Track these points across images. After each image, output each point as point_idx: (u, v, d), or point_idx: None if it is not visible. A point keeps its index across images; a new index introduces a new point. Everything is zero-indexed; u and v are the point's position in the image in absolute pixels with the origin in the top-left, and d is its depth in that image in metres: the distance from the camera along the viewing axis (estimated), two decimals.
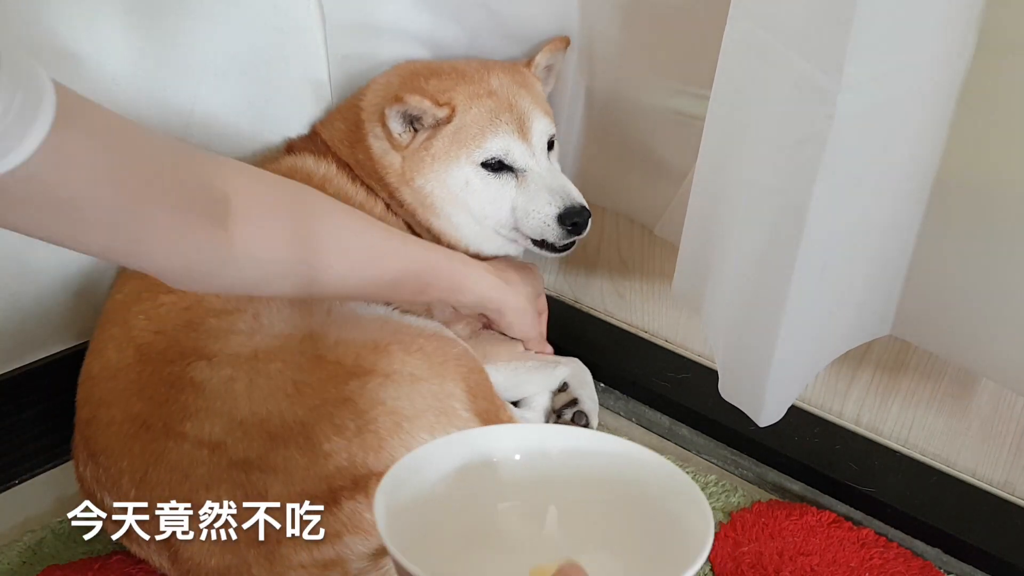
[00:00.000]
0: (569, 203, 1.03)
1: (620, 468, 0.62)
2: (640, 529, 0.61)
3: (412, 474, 0.59)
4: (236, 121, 1.13)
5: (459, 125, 1.02)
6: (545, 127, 1.07)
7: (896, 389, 1.02)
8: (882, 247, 0.84)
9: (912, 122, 0.76)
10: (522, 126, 1.04)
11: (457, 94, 1.02)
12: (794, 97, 0.72)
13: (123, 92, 1.00)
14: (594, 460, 0.63)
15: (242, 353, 0.83)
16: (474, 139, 1.02)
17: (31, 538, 0.99)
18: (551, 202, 1.03)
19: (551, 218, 1.03)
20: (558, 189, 1.04)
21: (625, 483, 0.62)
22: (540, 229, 1.04)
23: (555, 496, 0.62)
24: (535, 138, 1.05)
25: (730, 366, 0.92)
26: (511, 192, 1.04)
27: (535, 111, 1.06)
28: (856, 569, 0.93)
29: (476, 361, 0.95)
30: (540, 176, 1.05)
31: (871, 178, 0.77)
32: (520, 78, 1.08)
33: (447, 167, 1.03)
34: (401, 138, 1.03)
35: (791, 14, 0.71)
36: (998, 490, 0.97)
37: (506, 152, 1.03)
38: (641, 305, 1.26)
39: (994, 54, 0.73)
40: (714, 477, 1.08)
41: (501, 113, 1.03)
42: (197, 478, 0.79)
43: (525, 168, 1.04)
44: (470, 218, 1.06)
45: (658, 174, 1.07)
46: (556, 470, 0.63)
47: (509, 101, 1.04)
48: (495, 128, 1.03)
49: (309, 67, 1.18)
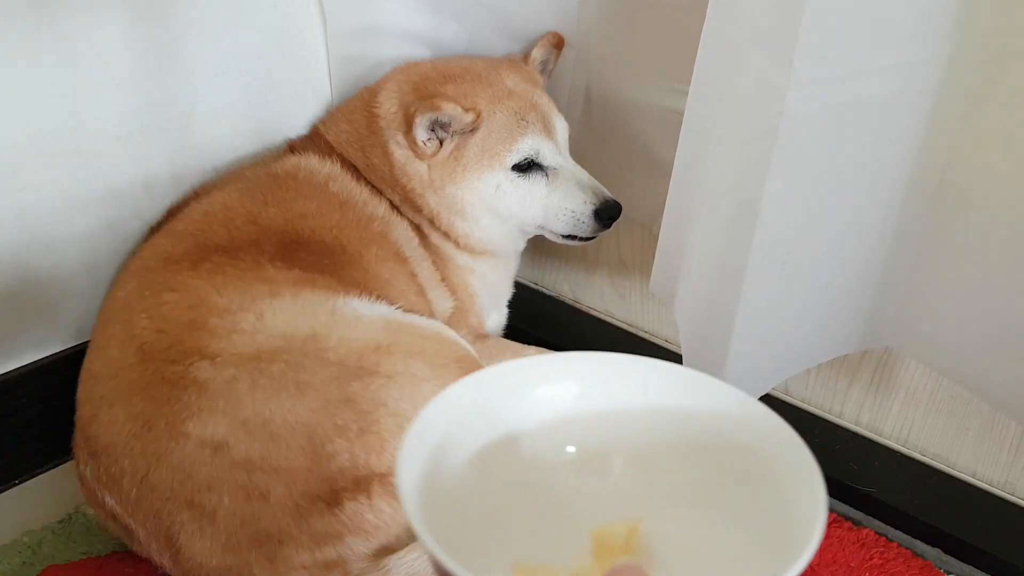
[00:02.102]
0: (603, 198, 1.06)
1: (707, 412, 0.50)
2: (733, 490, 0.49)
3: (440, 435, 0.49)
4: (236, 121, 1.13)
5: (487, 131, 1.03)
6: (564, 124, 1.09)
7: (896, 389, 1.02)
8: (855, 250, 0.85)
9: (879, 127, 0.76)
10: (547, 125, 1.06)
11: (479, 98, 1.03)
12: (752, 92, 0.73)
13: (123, 92, 1.00)
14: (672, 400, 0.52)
15: (245, 353, 0.82)
16: (504, 143, 1.04)
17: (31, 538, 0.99)
18: (586, 200, 1.06)
19: (587, 215, 1.06)
20: (589, 185, 1.07)
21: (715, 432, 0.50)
22: (573, 225, 1.07)
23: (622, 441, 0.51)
24: (559, 135, 1.08)
25: (691, 356, 0.93)
26: (542, 191, 1.06)
27: (554, 109, 1.08)
28: (856, 569, 0.93)
29: (478, 363, 0.95)
30: (570, 172, 1.07)
31: (829, 178, 0.78)
32: (528, 75, 1.09)
33: (479, 175, 1.04)
34: (426, 146, 1.04)
35: (753, 10, 0.71)
36: (998, 490, 0.98)
37: (536, 152, 1.05)
38: (641, 305, 1.27)
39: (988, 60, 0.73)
40: None
41: (527, 113, 1.05)
42: (199, 478, 0.79)
43: (555, 166, 1.06)
44: (498, 219, 1.08)
45: (657, 173, 1.07)
46: (623, 410, 0.52)
47: (530, 100, 1.06)
48: (523, 129, 1.04)
49: (309, 67, 1.18)
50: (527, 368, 0.51)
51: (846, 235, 0.83)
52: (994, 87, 0.73)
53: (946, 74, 0.74)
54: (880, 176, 0.80)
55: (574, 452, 0.50)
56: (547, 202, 1.06)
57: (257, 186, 1.03)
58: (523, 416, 0.50)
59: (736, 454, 0.49)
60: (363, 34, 1.16)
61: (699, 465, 0.50)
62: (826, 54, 0.69)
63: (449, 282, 1.11)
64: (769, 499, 0.46)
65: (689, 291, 0.90)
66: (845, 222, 0.82)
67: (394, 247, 1.05)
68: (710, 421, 0.50)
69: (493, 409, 0.49)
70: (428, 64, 1.12)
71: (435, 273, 1.10)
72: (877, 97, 0.74)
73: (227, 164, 1.13)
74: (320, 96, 1.20)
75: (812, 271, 0.83)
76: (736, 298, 0.81)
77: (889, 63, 0.72)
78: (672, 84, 1.02)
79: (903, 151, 0.79)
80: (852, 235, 0.83)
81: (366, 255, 1.01)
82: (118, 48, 0.98)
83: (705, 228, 0.84)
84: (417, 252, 1.08)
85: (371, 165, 1.07)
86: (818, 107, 0.72)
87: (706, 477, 0.50)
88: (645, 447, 0.50)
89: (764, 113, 0.72)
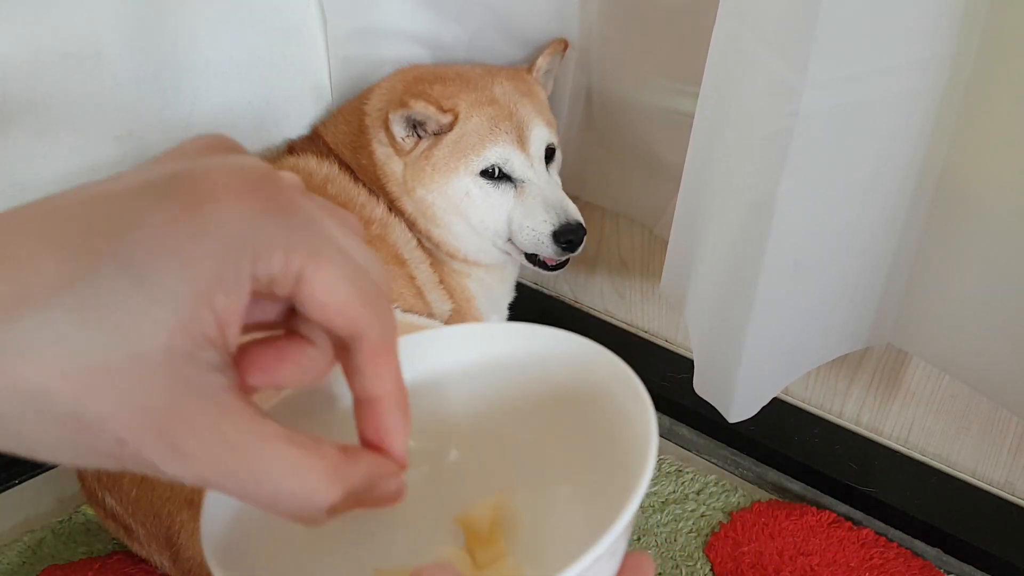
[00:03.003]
0: (564, 220, 1.01)
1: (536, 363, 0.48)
2: (569, 431, 0.47)
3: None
4: (236, 122, 1.13)
5: (460, 134, 1.02)
6: (543, 135, 1.05)
7: (896, 389, 1.02)
8: (865, 250, 0.85)
9: (890, 127, 0.76)
10: (521, 135, 1.03)
11: (461, 101, 1.02)
12: (765, 93, 0.73)
13: (124, 93, 1.00)
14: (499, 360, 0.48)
15: None
16: (474, 148, 1.01)
17: (31, 538, 0.99)
18: (547, 219, 1.01)
19: (545, 235, 1.01)
20: (555, 204, 1.02)
21: (544, 381, 0.47)
22: (534, 244, 1.03)
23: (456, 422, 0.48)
24: (533, 147, 1.04)
25: (703, 360, 0.92)
26: (509, 203, 1.03)
27: (535, 119, 1.05)
28: (856, 569, 0.93)
29: None
30: (539, 188, 1.03)
31: (842, 178, 0.78)
32: (523, 86, 1.07)
33: (447, 178, 1.02)
34: (404, 143, 1.03)
35: (766, 11, 0.71)
36: (998, 490, 0.98)
37: (504, 161, 1.02)
38: (641, 305, 1.27)
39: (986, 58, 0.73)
40: (714, 477, 1.08)
41: (501, 121, 1.02)
42: None
43: (524, 179, 1.03)
44: (469, 228, 1.05)
45: (658, 174, 1.07)
46: (457, 391, 0.49)
47: (510, 109, 1.03)
48: (494, 137, 1.01)
49: (309, 68, 1.18)
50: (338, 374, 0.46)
51: (855, 233, 0.83)
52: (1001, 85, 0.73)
53: (953, 72, 0.74)
54: (889, 174, 0.80)
55: (412, 445, 0.44)
56: (512, 215, 1.03)
57: None
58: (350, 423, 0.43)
59: (570, 397, 0.47)
60: (364, 35, 1.16)
61: (538, 418, 0.48)
62: (840, 54, 0.69)
63: (447, 284, 1.11)
64: (606, 433, 0.44)
65: (700, 293, 0.89)
66: (855, 220, 0.82)
67: (392, 249, 1.05)
68: (537, 369, 0.48)
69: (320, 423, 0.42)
70: (428, 67, 1.12)
71: (434, 275, 1.10)
72: (888, 96, 0.74)
73: None
74: (320, 97, 1.20)
75: (823, 270, 0.83)
76: (749, 300, 0.81)
77: (899, 61, 0.72)
78: (674, 85, 1.01)
79: (911, 149, 0.79)
80: (861, 233, 0.83)
81: None
82: (118, 49, 0.98)
83: (717, 229, 0.83)
84: (415, 254, 1.08)
85: (361, 166, 1.07)
86: (832, 107, 0.71)
87: (547, 429, 0.48)
88: (482, 416, 0.48)
89: (778, 113, 0.72)
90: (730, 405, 0.89)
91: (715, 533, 0.99)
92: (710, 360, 0.91)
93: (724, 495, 1.05)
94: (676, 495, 1.05)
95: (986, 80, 0.73)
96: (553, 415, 0.48)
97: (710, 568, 0.95)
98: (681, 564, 0.96)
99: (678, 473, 1.08)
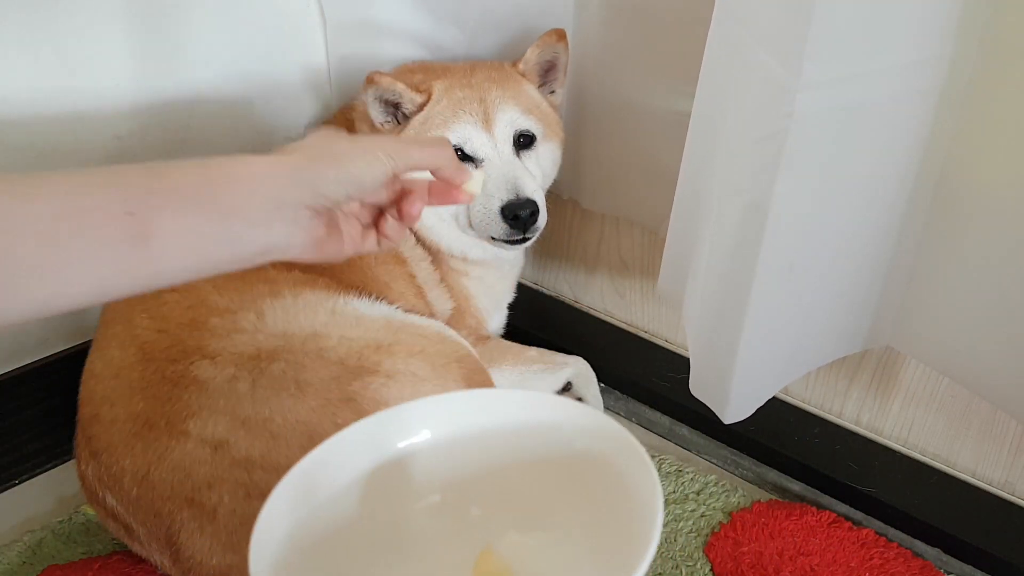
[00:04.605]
0: (513, 195, 0.99)
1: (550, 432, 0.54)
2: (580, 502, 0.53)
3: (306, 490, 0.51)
4: (236, 121, 1.13)
5: (428, 115, 1.02)
6: (513, 119, 1.03)
7: (896, 389, 1.02)
8: (862, 252, 0.85)
9: (886, 128, 0.76)
10: (487, 117, 1.02)
11: (436, 84, 1.02)
12: (761, 94, 0.73)
13: (124, 93, 1.00)
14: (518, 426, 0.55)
15: (245, 352, 0.83)
16: (438, 128, 1.01)
17: (31, 538, 0.99)
18: (495, 195, 0.99)
19: (493, 211, 1.00)
20: (509, 180, 1.00)
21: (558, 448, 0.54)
22: (485, 223, 1.01)
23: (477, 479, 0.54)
24: (498, 128, 1.03)
25: (699, 361, 0.92)
26: None
27: (505, 103, 1.03)
28: (856, 569, 0.93)
29: (479, 363, 0.96)
30: (499, 168, 1.02)
31: (838, 179, 0.78)
32: (499, 75, 1.06)
33: None
34: (383, 128, 1.03)
35: (762, 12, 0.71)
36: (998, 490, 0.98)
37: (465, 140, 1.01)
38: (641, 305, 1.27)
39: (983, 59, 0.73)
40: (714, 477, 1.08)
41: (468, 104, 1.02)
42: (199, 477, 0.79)
43: (484, 158, 1.02)
44: (434, 214, 1.05)
45: (656, 175, 1.07)
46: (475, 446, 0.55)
47: (481, 94, 1.03)
48: (457, 117, 1.01)
49: (309, 67, 1.18)
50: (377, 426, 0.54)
51: (852, 235, 0.83)
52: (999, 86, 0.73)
53: (949, 73, 0.74)
54: (886, 175, 0.80)
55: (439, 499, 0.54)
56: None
57: None
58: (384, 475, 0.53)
59: (582, 463, 0.52)
60: (363, 34, 1.16)
61: (553, 480, 0.54)
62: (835, 55, 0.69)
63: (447, 283, 1.11)
64: (615, 499, 0.49)
65: (697, 294, 0.89)
66: (851, 222, 0.82)
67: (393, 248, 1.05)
68: (554, 436, 0.53)
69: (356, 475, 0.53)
70: (420, 63, 1.12)
71: (435, 273, 1.10)
72: (883, 97, 0.74)
73: None
74: (320, 96, 1.20)
75: (819, 272, 0.83)
76: (745, 302, 0.81)
77: (894, 62, 0.72)
78: (671, 86, 1.01)
79: (908, 150, 0.79)
80: (857, 235, 0.83)
81: (365, 257, 1.01)
82: (118, 49, 0.98)
83: (713, 231, 0.83)
84: (415, 252, 1.08)
85: None
86: (827, 108, 0.71)
87: (559, 491, 0.53)
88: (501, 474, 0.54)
89: (773, 115, 0.72)
90: (725, 406, 0.90)
91: (715, 533, 0.99)
92: (706, 361, 0.91)
93: (724, 495, 1.05)
94: (676, 495, 1.05)
95: (984, 81, 0.73)
96: (565, 478, 0.53)
97: (710, 568, 0.95)
98: (681, 564, 0.96)
99: (678, 473, 1.08)
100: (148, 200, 0.51)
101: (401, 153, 0.60)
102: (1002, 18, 0.71)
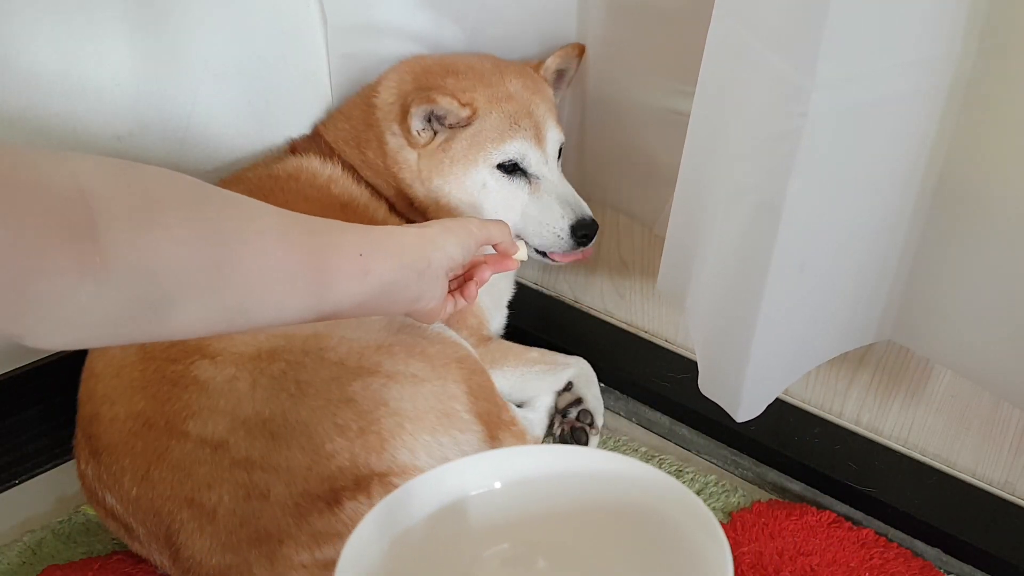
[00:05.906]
0: (581, 215, 1.05)
1: (618, 489, 0.57)
2: (647, 559, 0.56)
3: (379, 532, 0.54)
4: (236, 122, 1.13)
5: (479, 128, 1.04)
6: (557, 136, 1.09)
7: (896, 389, 1.02)
8: (869, 249, 0.85)
9: (896, 126, 0.76)
10: (538, 133, 1.06)
11: (478, 96, 1.04)
12: (770, 94, 0.73)
13: (123, 93, 1.00)
14: (587, 482, 0.58)
15: (245, 352, 0.83)
16: (493, 141, 1.04)
17: (31, 538, 0.99)
18: (564, 214, 1.05)
19: (564, 230, 1.05)
20: (570, 200, 1.07)
21: (626, 506, 0.56)
22: (551, 240, 1.06)
23: (544, 529, 0.56)
24: (549, 146, 1.07)
25: (709, 361, 0.92)
26: (523, 197, 1.06)
27: (550, 120, 1.08)
28: (856, 569, 0.93)
29: (478, 363, 0.96)
30: (553, 185, 1.07)
31: (849, 178, 0.78)
32: (532, 83, 1.08)
33: (466, 170, 1.04)
34: (420, 136, 1.04)
35: (769, 12, 0.71)
36: (998, 490, 0.98)
37: (523, 156, 1.05)
38: (641, 305, 1.27)
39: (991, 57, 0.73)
40: (714, 477, 1.08)
41: (520, 118, 1.05)
42: (199, 477, 0.79)
43: (539, 176, 1.06)
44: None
45: (657, 173, 1.07)
46: (543, 500, 0.58)
47: (527, 107, 1.06)
48: (514, 132, 1.04)
49: (309, 67, 1.18)
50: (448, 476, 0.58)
51: (861, 232, 0.83)
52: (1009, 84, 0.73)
53: (960, 71, 0.74)
54: (895, 172, 0.80)
55: (507, 548, 0.57)
56: (526, 210, 1.06)
57: (259, 188, 1.03)
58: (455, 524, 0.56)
59: (644, 521, 0.56)
60: (363, 34, 1.16)
61: (614, 537, 0.57)
62: (848, 53, 0.69)
63: None
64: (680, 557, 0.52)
65: (703, 295, 0.89)
66: (861, 221, 0.82)
67: None
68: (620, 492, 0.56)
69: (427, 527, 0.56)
70: (434, 58, 1.12)
71: None
72: (895, 94, 0.74)
73: (227, 164, 1.13)
74: (320, 95, 1.20)
75: (828, 271, 0.83)
76: (756, 302, 0.81)
77: (907, 59, 0.72)
78: (671, 85, 1.01)
79: (917, 147, 0.79)
80: (867, 232, 0.83)
81: None
82: (118, 49, 0.98)
83: (720, 230, 0.83)
84: None
85: (366, 160, 1.08)
86: (841, 107, 0.71)
87: (622, 548, 0.56)
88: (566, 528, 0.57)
89: (785, 114, 0.72)
90: (738, 405, 0.89)
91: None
92: (716, 361, 0.91)
93: (724, 495, 1.05)
94: None
95: (995, 79, 0.73)
96: (628, 535, 0.56)
97: None
98: None
99: (678, 473, 1.08)
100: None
101: (484, 229, 0.77)
102: (1008, 16, 0.70)
